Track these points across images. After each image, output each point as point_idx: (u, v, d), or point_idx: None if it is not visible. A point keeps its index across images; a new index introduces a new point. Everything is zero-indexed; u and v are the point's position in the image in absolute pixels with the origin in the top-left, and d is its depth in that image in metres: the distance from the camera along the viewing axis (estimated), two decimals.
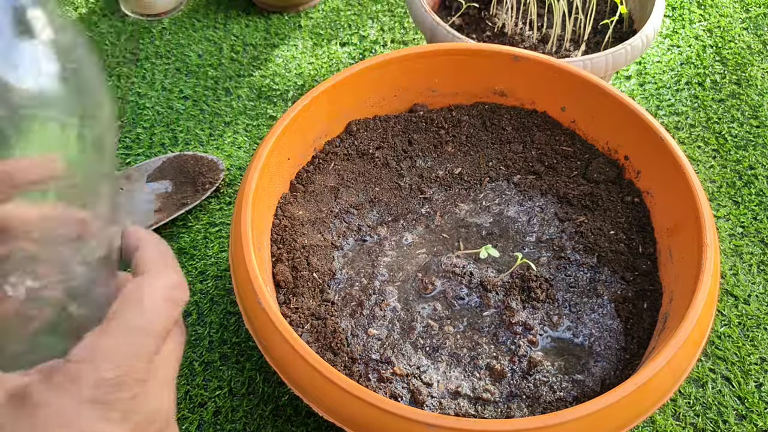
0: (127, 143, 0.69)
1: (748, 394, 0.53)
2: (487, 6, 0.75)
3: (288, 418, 0.51)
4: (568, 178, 0.60)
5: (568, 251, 0.55)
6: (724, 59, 0.78)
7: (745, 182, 0.66)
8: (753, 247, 0.62)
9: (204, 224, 0.63)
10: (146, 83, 0.75)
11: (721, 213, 0.64)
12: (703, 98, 0.74)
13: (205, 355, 0.54)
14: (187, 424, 0.51)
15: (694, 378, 0.54)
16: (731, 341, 0.56)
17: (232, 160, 0.68)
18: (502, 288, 0.53)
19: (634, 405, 0.40)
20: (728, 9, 0.83)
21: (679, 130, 0.71)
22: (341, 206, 0.58)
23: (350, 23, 0.82)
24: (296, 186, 0.57)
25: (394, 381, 0.48)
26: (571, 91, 0.58)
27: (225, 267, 0.60)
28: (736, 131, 0.71)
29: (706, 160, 0.68)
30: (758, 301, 0.58)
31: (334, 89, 0.56)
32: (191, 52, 0.78)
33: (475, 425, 0.38)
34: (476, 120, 0.62)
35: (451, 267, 0.54)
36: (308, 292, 0.52)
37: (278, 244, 0.53)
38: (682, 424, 0.51)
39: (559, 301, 0.53)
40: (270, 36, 0.80)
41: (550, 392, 0.47)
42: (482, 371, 0.49)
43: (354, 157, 0.60)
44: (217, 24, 0.81)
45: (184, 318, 0.56)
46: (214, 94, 0.74)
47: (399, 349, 0.50)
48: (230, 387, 0.53)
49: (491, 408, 0.47)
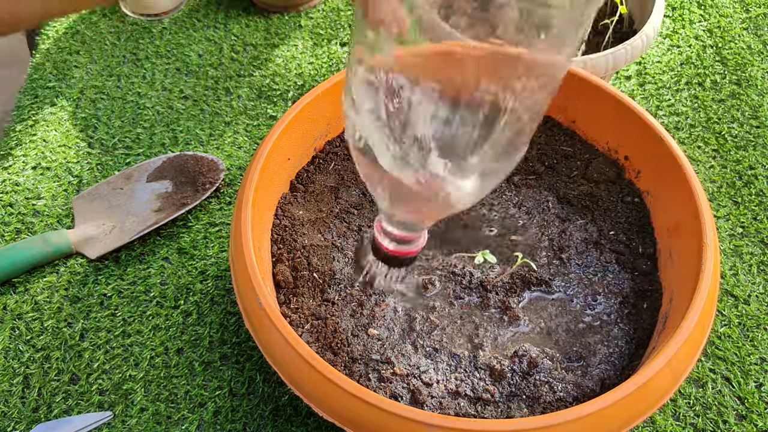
0: (127, 143, 0.69)
1: (748, 394, 0.53)
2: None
3: (288, 418, 0.51)
4: (568, 178, 0.60)
5: (568, 251, 0.55)
6: (724, 59, 0.78)
7: (745, 182, 0.66)
8: (753, 247, 0.62)
9: (204, 224, 0.63)
10: (146, 83, 0.75)
11: (721, 213, 0.64)
12: (703, 98, 0.74)
13: (205, 355, 0.54)
14: (187, 424, 0.51)
15: (694, 378, 0.54)
16: (731, 341, 0.56)
17: (232, 160, 0.68)
18: (502, 288, 0.53)
19: (634, 405, 0.40)
20: (728, 9, 0.83)
21: (679, 130, 0.71)
22: (341, 206, 0.58)
23: (350, 23, 0.82)
24: (296, 186, 0.57)
25: (394, 381, 0.48)
26: (571, 91, 0.58)
27: (225, 267, 0.60)
28: (736, 131, 0.71)
29: (706, 160, 0.68)
30: (758, 301, 0.58)
31: (334, 89, 0.56)
32: (191, 52, 0.78)
33: (475, 425, 0.38)
34: None
35: (450, 267, 0.54)
36: (308, 292, 0.52)
37: (278, 244, 0.53)
38: (682, 424, 0.51)
39: (559, 301, 0.53)
40: (270, 36, 0.80)
41: (550, 392, 0.47)
42: (482, 371, 0.49)
43: None
44: (217, 24, 0.81)
45: (184, 318, 0.56)
46: (214, 94, 0.74)
47: (399, 349, 0.50)
48: (230, 387, 0.53)
49: (491, 408, 0.47)
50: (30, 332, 0.56)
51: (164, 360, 0.54)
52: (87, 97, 0.73)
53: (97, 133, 0.70)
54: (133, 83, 0.75)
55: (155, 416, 0.51)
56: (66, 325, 0.56)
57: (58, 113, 0.71)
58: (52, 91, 0.74)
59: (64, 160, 0.67)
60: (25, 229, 0.62)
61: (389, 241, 0.43)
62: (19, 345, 0.55)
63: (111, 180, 0.64)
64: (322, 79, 0.75)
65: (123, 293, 0.58)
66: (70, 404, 0.52)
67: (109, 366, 0.54)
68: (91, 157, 0.68)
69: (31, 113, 0.71)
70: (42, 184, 0.65)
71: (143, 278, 0.59)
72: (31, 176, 0.66)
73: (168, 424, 0.51)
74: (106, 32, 0.80)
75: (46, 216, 0.63)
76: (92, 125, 0.71)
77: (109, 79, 0.75)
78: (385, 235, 0.43)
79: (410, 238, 0.42)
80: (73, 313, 0.57)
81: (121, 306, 0.57)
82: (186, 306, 0.57)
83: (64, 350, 0.55)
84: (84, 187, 0.65)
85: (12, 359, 0.54)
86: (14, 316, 0.56)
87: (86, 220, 0.62)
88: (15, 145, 0.68)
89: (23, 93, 0.73)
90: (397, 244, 0.43)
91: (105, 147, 0.69)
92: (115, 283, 0.59)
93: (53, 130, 0.70)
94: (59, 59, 0.77)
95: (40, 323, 0.56)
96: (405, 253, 0.44)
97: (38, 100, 0.72)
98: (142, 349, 0.55)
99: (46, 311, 0.57)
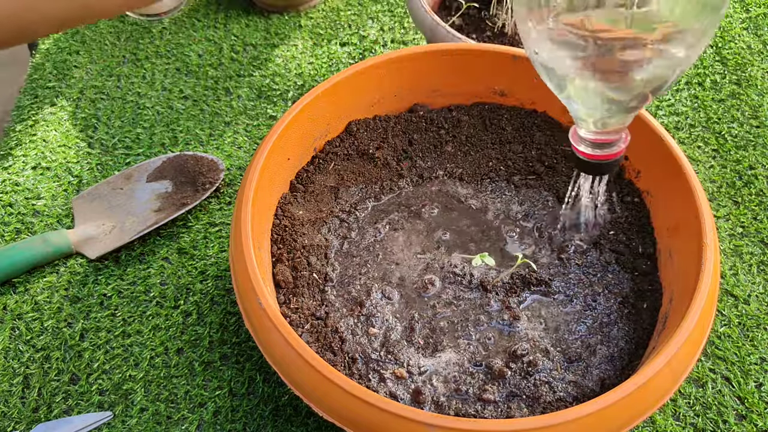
0: (127, 143, 0.69)
1: (748, 394, 0.53)
2: (487, 6, 0.75)
3: (288, 418, 0.51)
4: (568, 178, 0.60)
5: (567, 251, 0.55)
6: (724, 59, 0.78)
7: (745, 182, 0.66)
8: (753, 247, 0.62)
9: (204, 224, 0.63)
10: (146, 83, 0.75)
11: (721, 213, 0.64)
12: (703, 98, 0.74)
13: (205, 355, 0.54)
14: (187, 424, 0.51)
15: (694, 378, 0.54)
16: (731, 341, 0.56)
17: (232, 160, 0.68)
18: (502, 288, 0.53)
19: (634, 405, 0.40)
20: (728, 9, 0.83)
21: (679, 130, 0.71)
22: (341, 206, 0.58)
23: (350, 23, 0.82)
24: (296, 186, 0.57)
25: (394, 381, 0.48)
26: None
27: (225, 267, 0.60)
28: (736, 131, 0.71)
29: (706, 160, 0.68)
30: (758, 301, 0.58)
31: (334, 89, 0.56)
32: (191, 52, 0.78)
33: (475, 425, 0.38)
34: (476, 120, 0.62)
35: (451, 267, 0.54)
36: (308, 292, 0.52)
37: (278, 244, 0.53)
38: (682, 424, 0.51)
39: (559, 301, 0.53)
40: (270, 36, 0.80)
41: (550, 392, 0.47)
42: (482, 371, 0.49)
43: (354, 157, 0.60)
44: (217, 24, 0.81)
45: (184, 318, 0.56)
46: (214, 94, 0.74)
47: (399, 349, 0.50)
48: (230, 387, 0.53)
49: (491, 408, 0.47)
50: (30, 332, 0.56)
51: (164, 360, 0.54)
52: (87, 97, 0.73)
53: (97, 133, 0.70)
54: (133, 83, 0.75)
55: (155, 416, 0.51)
56: (66, 325, 0.56)
57: (58, 113, 0.71)
58: (52, 91, 0.74)
59: (64, 160, 0.67)
60: (25, 229, 0.62)
61: (586, 146, 0.42)
62: (19, 345, 0.55)
63: (111, 180, 0.64)
64: (322, 79, 0.75)
65: (123, 293, 0.58)
66: (70, 404, 0.52)
67: (109, 366, 0.54)
68: (91, 157, 0.68)
69: (31, 113, 0.71)
70: (42, 184, 0.65)
71: (143, 278, 0.59)
72: (31, 176, 0.66)
73: (168, 424, 0.51)
74: (106, 32, 0.80)
75: (46, 216, 0.63)
76: (92, 125, 0.71)
77: (109, 79, 0.75)
78: (581, 140, 0.42)
79: (609, 140, 0.41)
80: (73, 313, 0.57)
81: (121, 306, 0.57)
82: (186, 306, 0.57)
83: (64, 350, 0.55)
84: (84, 187, 0.65)
85: (12, 359, 0.54)
86: (14, 316, 0.56)
87: (86, 220, 0.62)
88: (15, 145, 0.68)
89: (23, 93, 0.73)
90: (595, 148, 0.42)
91: (105, 147, 0.69)
92: (115, 283, 0.59)
93: (53, 130, 0.70)
94: (59, 59, 0.77)
95: (40, 323, 0.56)
96: (605, 157, 0.42)
97: (38, 100, 0.72)
98: (142, 349, 0.55)
99: (46, 311, 0.57)
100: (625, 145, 0.43)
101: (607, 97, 0.38)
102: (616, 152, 0.42)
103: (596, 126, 0.41)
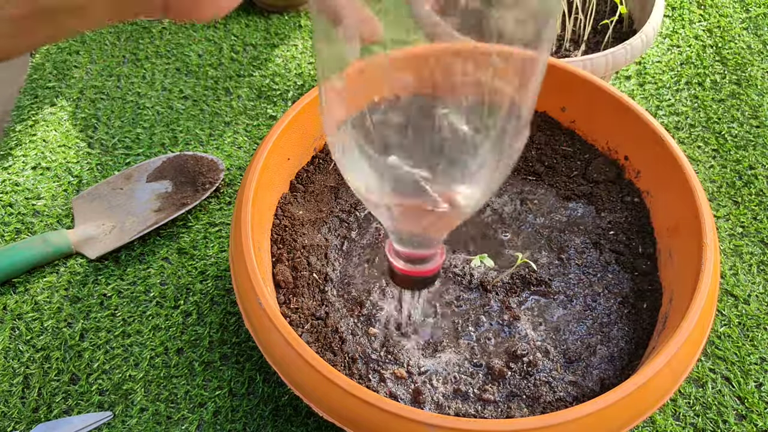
0: (127, 143, 0.69)
1: (748, 394, 0.53)
2: None
3: (288, 418, 0.51)
4: (568, 178, 0.60)
5: (567, 251, 0.55)
6: (724, 59, 0.78)
7: (745, 182, 0.66)
8: (753, 247, 0.62)
9: (204, 224, 0.63)
10: (146, 83, 0.75)
11: (721, 213, 0.64)
12: (703, 98, 0.74)
13: (205, 355, 0.54)
14: (187, 424, 0.51)
15: (694, 378, 0.54)
16: (731, 341, 0.56)
17: (232, 160, 0.68)
18: (502, 288, 0.53)
19: (634, 405, 0.40)
20: (728, 9, 0.83)
21: (679, 130, 0.71)
22: (341, 206, 0.58)
23: None
24: (296, 186, 0.57)
25: (394, 381, 0.48)
26: (571, 91, 0.58)
27: (225, 267, 0.60)
28: (736, 131, 0.71)
29: (706, 160, 0.68)
30: (758, 301, 0.58)
31: None
32: (191, 52, 0.78)
33: (475, 425, 0.38)
34: None
35: (451, 267, 0.54)
36: (308, 292, 0.52)
37: (278, 244, 0.53)
38: (682, 424, 0.51)
39: (559, 302, 0.53)
40: (270, 36, 0.80)
41: (550, 392, 0.47)
42: (482, 371, 0.49)
43: None
44: (217, 24, 0.81)
45: (184, 318, 0.56)
46: (214, 94, 0.74)
47: (399, 349, 0.50)
48: (230, 387, 0.53)
49: (491, 408, 0.47)
50: (30, 332, 0.56)
51: (164, 360, 0.54)
52: (87, 97, 0.73)
53: (96, 133, 0.70)
54: (132, 83, 0.75)
55: (155, 416, 0.51)
56: (66, 325, 0.56)
57: (57, 113, 0.71)
58: (52, 91, 0.74)
59: (64, 160, 0.67)
60: (25, 229, 0.62)
61: (403, 262, 0.41)
62: (19, 345, 0.55)
63: (111, 180, 0.64)
64: None
65: (123, 293, 0.58)
66: (70, 404, 0.52)
67: (109, 366, 0.54)
68: (91, 157, 0.68)
69: (31, 113, 0.71)
70: (42, 184, 0.65)
71: (143, 278, 0.59)
72: (30, 176, 0.66)
73: (168, 424, 0.51)
74: (106, 32, 0.80)
75: (46, 216, 0.63)
76: (92, 125, 0.71)
77: (109, 79, 0.75)
78: (398, 256, 0.41)
79: (424, 255, 0.40)
80: (73, 313, 0.57)
81: (121, 306, 0.57)
82: (186, 306, 0.57)
83: (64, 350, 0.55)
84: (84, 187, 0.65)
85: (12, 359, 0.54)
86: (14, 316, 0.56)
87: (86, 220, 0.62)
88: (15, 145, 0.68)
89: (23, 93, 0.73)
90: (411, 264, 0.40)
91: (105, 147, 0.69)
92: (115, 283, 0.59)
93: (53, 130, 0.70)
94: (59, 59, 0.77)
95: (40, 323, 0.56)
96: (421, 272, 0.41)
97: (38, 100, 0.72)
98: (142, 349, 0.55)
99: (46, 311, 0.57)
100: (442, 261, 0.41)
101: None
102: (432, 268, 0.41)
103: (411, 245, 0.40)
